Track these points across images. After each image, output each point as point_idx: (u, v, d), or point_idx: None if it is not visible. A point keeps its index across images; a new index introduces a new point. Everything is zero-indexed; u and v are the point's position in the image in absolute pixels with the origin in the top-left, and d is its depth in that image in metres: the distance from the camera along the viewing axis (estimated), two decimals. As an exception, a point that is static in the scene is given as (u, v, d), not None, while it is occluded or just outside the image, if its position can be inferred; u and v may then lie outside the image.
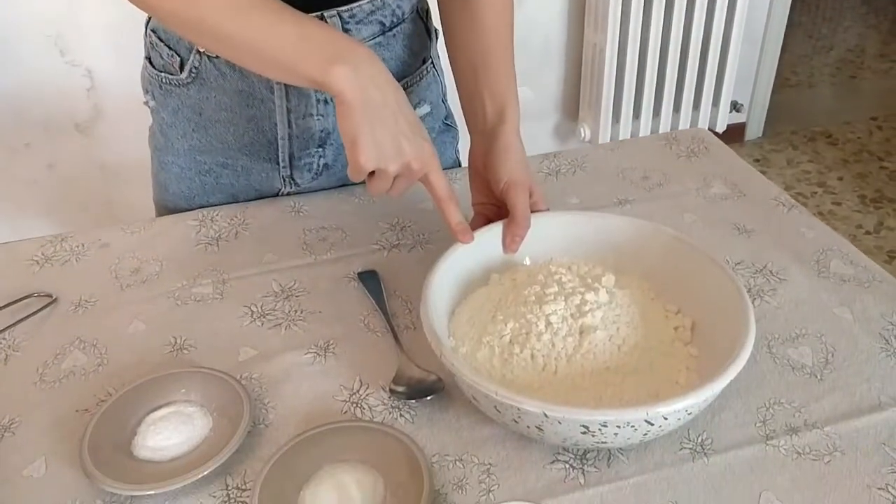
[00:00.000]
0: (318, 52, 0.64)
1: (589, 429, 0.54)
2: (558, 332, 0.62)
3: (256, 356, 0.72)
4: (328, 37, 0.65)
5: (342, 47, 0.65)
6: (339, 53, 0.63)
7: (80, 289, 0.81)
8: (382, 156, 0.64)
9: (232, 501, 0.59)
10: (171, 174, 0.94)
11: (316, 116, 0.86)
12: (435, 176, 0.69)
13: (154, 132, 0.95)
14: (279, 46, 0.65)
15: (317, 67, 0.63)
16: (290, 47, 0.65)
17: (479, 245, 0.72)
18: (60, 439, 0.64)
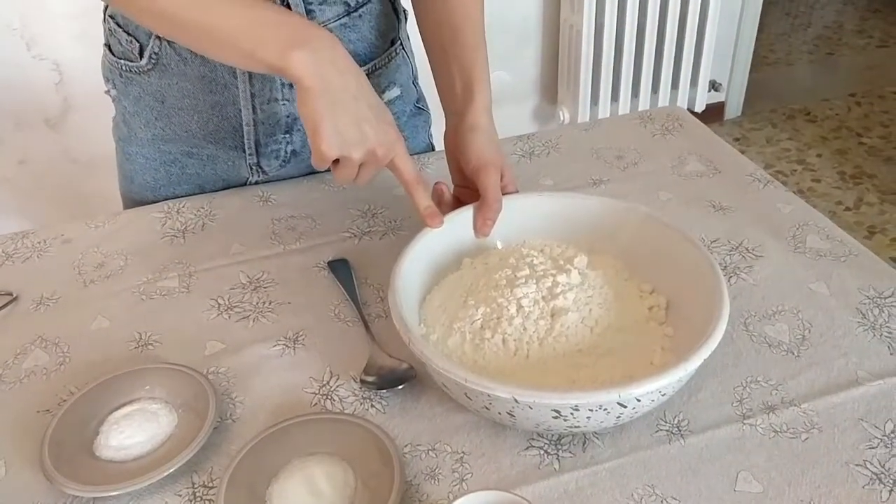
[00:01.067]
0: (276, 37, 0.62)
1: (560, 413, 0.53)
2: (530, 315, 0.60)
3: (223, 350, 0.70)
4: (287, 21, 0.64)
5: (301, 31, 0.63)
6: (298, 38, 0.62)
7: (42, 286, 0.79)
8: (345, 142, 0.63)
9: (198, 500, 0.57)
10: (136, 165, 0.92)
11: (281, 101, 0.84)
12: (401, 160, 0.68)
13: (117, 122, 0.92)
14: (236, 32, 0.63)
15: (274, 53, 0.61)
16: (248, 33, 0.63)
17: (451, 229, 0.70)
18: (20, 441, 0.62)
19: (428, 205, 0.69)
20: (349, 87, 0.63)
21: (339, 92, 0.62)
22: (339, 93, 0.62)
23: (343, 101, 0.62)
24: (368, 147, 0.64)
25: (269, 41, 0.62)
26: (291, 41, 0.61)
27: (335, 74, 0.62)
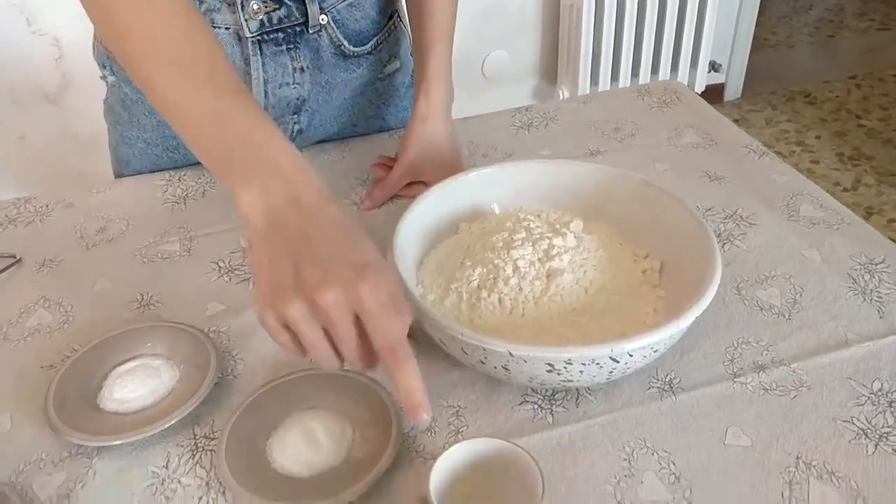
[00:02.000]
0: (228, 169, 0.54)
1: (554, 367, 0.54)
2: (526, 276, 0.61)
3: (224, 311, 0.71)
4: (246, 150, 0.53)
5: (257, 167, 0.52)
6: (249, 174, 0.52)
7: (45, 249, 0.80)
8: (278, 295, 0.47)
9: (200, 450, 0.58)
10: (135, 149, 0.91)
11: (292, 85, 0.85)
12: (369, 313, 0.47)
13: (112, 106, 0.91)
14: (200, 142, 0.56)
15: (226, 183, 0.54)
16: (208, 149, 0.56)
17: (448, 195, 0.71)
18: (25, 395, 0.63)
19: (409, 386, 0.48)
20: (306, 227, 0.50)
21: (282, 231, 0.50)
22: (283, 232, 0.50)
23: (285, 240, 0.49)
24: (305, 296, 0.47)
25: (222, 169, 0.55)
26: (241, 177, 0.52)
27: (289, 214, 0.50)
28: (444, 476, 0.49)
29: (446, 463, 0.49)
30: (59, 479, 0.56)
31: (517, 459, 0.50)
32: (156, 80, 0.57)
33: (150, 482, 0.56)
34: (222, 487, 0.55)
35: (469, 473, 0.50)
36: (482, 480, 0.51)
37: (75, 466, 0.57)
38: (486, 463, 0.50)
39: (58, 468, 0.57)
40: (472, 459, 0.50)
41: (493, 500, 0.51)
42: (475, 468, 0.50)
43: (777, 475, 0.54)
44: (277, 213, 0.50)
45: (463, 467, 0.50)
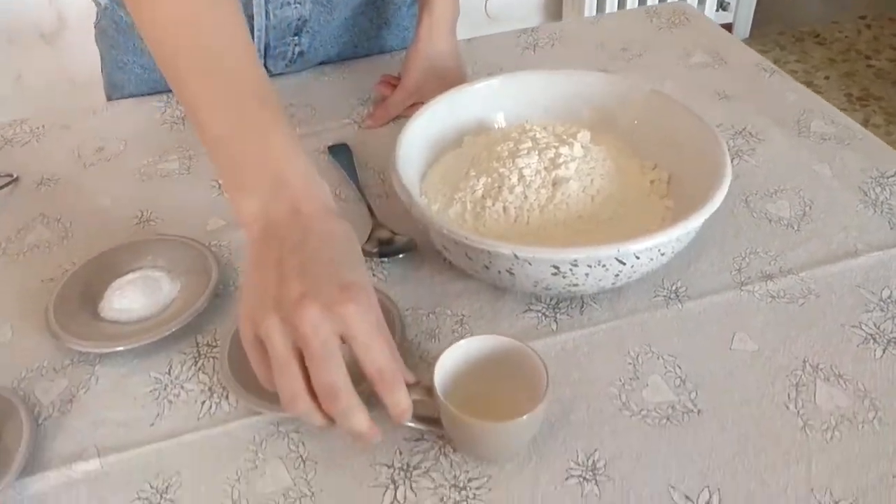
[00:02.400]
0: (232, 177, 0.51)
1: (559, 269, 0.53)
2: (531, 184, 0.60)
3: (225, 226, 0.70)
4: (260, 160, 0.50)
5: (266, 178, 0.49)
6: (257, 184, 0.49)
7: (42, 168, 0.79)
8: (258, 307, 0.45)
9: (202, 357, 0.58)
10: (131, 74, 0.89)
11: (293, 5, 0.82)
12: (353, 336, 0.44)
13: (104, 30, 0.89)
14: (210, 141, 0.52)
15: (227, 186, 0.52)
16: (216, 150, 0.52)
17: (452, 108, 0.70)
18: (26, 307, 0.63)
19: (398, 412, 0.46)
20: (299, 240, 0.46)
21: (277, 249, 0.46)
22: (278, 250, 0.46)
23: (280, 259, 0.46)
24: (284, 310, 0.43)
25: (227, 174, 0.52)
26: (246, 189, 0.50)
27: (286, 226, 0.47)
28: (448, 370, 0.49)
29: (451, 357, 0.49)
30: (61, 385, 0.56)
31: (521, 356, 0.49)
32: (178, 62, 0.53)
33: (152, 387, 0.56)
34: (225, 392, 0.55)
35: (473, 370, 0.50)
36: (486, 377, 0.50)
37: (77, 373, 0.57)
38: (490, 360, 0.50)
39: (60, 375, 0.57)
40: (477, 356, 0.50)
41: (497, 397, 0.51)
42: (480, 365, 0.50)
43: (784, 378, 0.54)
44: (275, 224, 0.47)
45: (467, 363, 0.50)
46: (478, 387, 0.50)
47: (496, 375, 0.50)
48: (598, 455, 0.50)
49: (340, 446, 0.51)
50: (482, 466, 0.49)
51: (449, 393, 0.48)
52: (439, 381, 0.47)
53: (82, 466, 0.51)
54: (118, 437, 0.52)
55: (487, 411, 0.46)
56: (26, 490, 0.49)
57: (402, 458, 0.50)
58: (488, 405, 0.50)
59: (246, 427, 0.53)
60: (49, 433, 0.53)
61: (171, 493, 0.49)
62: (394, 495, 0.48)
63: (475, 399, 0.49)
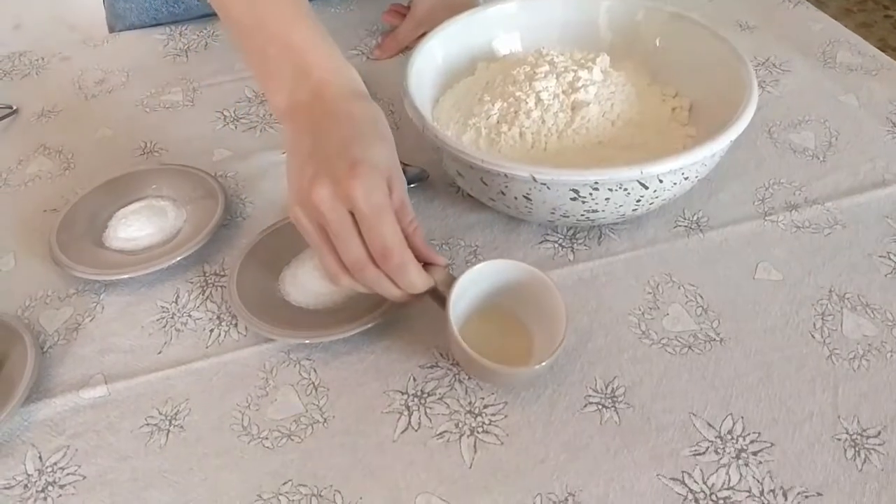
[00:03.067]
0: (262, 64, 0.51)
1: (579, 193, 0.51)
2: (549, 108, 0.58)
3: (231, 156, 0.68)
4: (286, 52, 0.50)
5: (292, 68, 0.49)
6: (283, 76, 0.50)
7: (43, 100, 0.77)
8: (291, 194, 0.46)
9: (210, 286, 0.56)
10: (133, 3, 0.86)
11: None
12: (360, 215, 0.43)
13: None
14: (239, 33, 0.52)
15: (259, 82, 0.52)
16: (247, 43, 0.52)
17: (465, 32, 0.67)
18: (28, 236, 0.61)
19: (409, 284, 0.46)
20: (319, 123, 0.47)
21: (302, 135, 0.47)
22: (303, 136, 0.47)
23: (304, 144, 0.47)
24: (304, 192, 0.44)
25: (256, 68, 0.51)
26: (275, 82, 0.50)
27: (309, 112, 0.48)
28: (463, 295, 0.47)
29: (467, 280, 0.47)
30: (66, 314, 0.55)
31: (540, 287, 0.48)
32: None
33: (159, 316, 0.54)
34: (234, 320, 0.54)
35: (489, 296, 0.48)
36: (502, 303, 0.49)
37: (82, 301, 0.56)
38: (506, 286, 0.48)
39: (64, 303, 0.56)
40: (493, 281, 0.48)
41: (512, 324, 0.49)
42: (496, 291, 0.49)
43: (809, 307, 0.52)
44: (301, 112, 0.48)
45: (482, 290, 0.48)
46: (493, 312, 0.48)
47: (512, 301, 0.49)
48: (618, 383, 0.48)
49: (353, 373, 0.50)
50: (498, 392, 0.48)
51: (462, 320, 0.46)
52: (454, 305, 0.46)
53: (89, 393, 0.50)
54: (125, 365, 0.51)
55: (502, 342, 0.45)
56: (32, 416, 0.48)
57: (416, 384, 0.49)
58: (503, 334, 0.49)
59: (256, 354, 0.51)
60: (54, 360, 0.52)
61: (180, 419, 0.48)
62: (408, 421, 0.47)
63: (489, 326, 0.48)
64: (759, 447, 0.45)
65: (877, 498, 0.42)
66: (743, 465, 0.44)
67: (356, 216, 0.43)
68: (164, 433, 0.47)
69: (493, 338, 0.48)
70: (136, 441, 0.47)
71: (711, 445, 0.45)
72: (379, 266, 0.45)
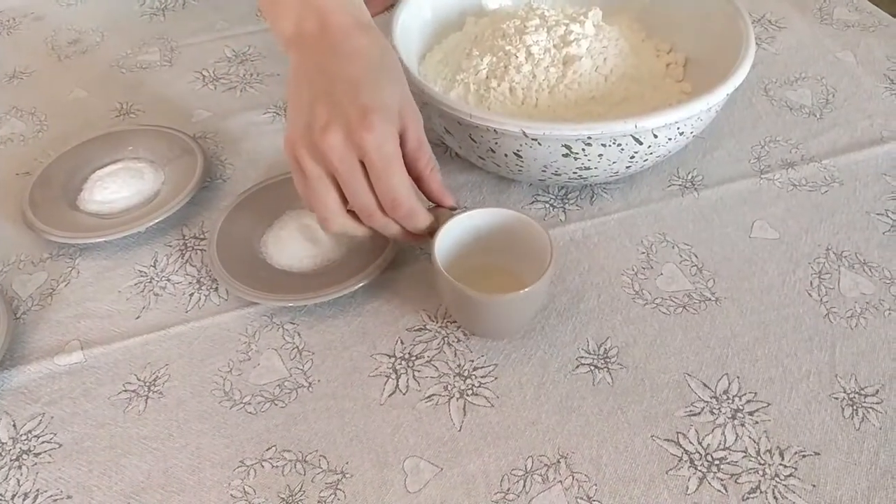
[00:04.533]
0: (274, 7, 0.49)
1: (571, 149, 0.49)
2: (540, 63, 0.56)
3: (211, 117, 0.66)
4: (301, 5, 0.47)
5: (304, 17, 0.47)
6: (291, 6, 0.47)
7: (14, 60, 0.74)
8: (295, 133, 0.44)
9: (189, 249, 0.55)
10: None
11: None
12: (369, 163, 0.42)
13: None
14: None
15: (266, 15, 0.50)
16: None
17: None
18: (1, 200, 0.59)
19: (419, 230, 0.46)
20: (327, 60, 0.45)
21: (309, 70, 0.45)
22: (309, 72, 0.45)
23: (312, 81, 0.44)
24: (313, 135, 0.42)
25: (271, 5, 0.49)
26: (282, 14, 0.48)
27: (315, 44, 0.46)
28: (450, 244, 0.46)
29: (454, 229, 0.46)
30: (40, 279, 0.53)
31: (525, 229, 0.46)
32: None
33: (136, 280, 0.53)
34: (214, 283, 0.52)
35: (476, 245, 0.47)
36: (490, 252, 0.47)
37: (57, 266, 0.54)
38: (494, 235, 0.47)
39: (38, 268, 0.54)
40: (478, 230, 0.47)
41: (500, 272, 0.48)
42: (483, 240, 0.47)
43: (806, 265, 0.51)
44: (305, 45, 0.46)
45: (470, 238, 0.47)
46: (480, 260, 0.47)
47: (499, 250, 0.47)
48: (611, 343, 0.47)
49: (339, 337, 0.48)
50: (488, 354, 0.47)
51: (450, 267, 0.44)
52: (441, 254, 0.44)
53: (65, 359, 0.48)
54: (102, 330, 0.49)
55: (490, 286, 0.43)
56: (6, 383, 0.47)
57: (404, 347, 0.47)
58: (491, 280, 0.47)
59: (237, 318, 0.50)
60: (28, 327, 0.50)
61: (159, 385, 0.46)
62: (395, 385, 0.46)
63: (477, 273, 0.46)
64: (756, 407, 0.44)
65: (874, 456, 0.41)
66: (739, 425, 0.43)
67: (366, 165, 0.43)
68: (142, 399, 0.46)
69: (480, 281, 0.46)
70: (114, 408, 0.45)
71: (707, 406, 0.44)
72: (387, 214, 0.44)
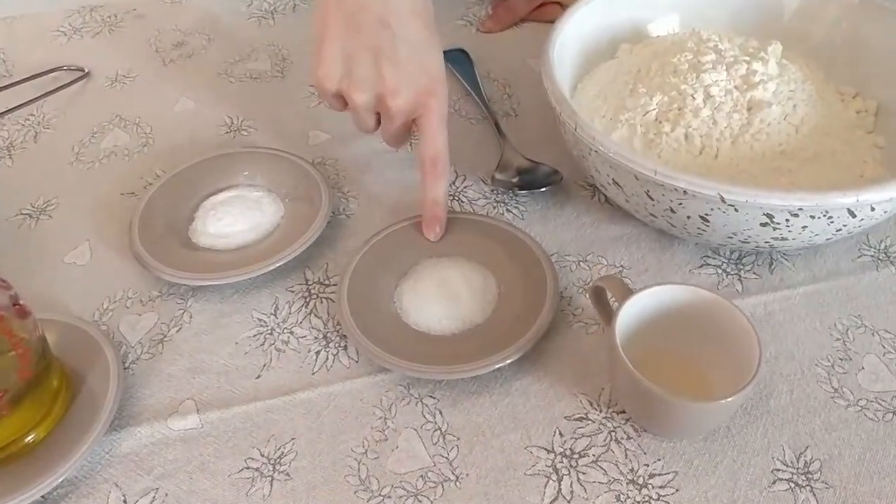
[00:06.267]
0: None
1: (773, 219, 0.42)
2: (721, 107, 0.48)
3: (329, 140, 0.60)
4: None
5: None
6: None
7: (116, 63, 0.69)
8: (348, 76, 0.46)
9: (313, 298, 0.49)
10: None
11: None
12: (428, 127, 0.48)
13: None
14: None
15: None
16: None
17: (605, 8, 0.57)
18: (105, 224, 0.54)
19: (435, 198, 0.49)
20: (379, 11, 0.45)
21: (361, 12, 0.45)
22: (362, 13, 0.45)
23: (365, 24, 0.45)
24: (377, 92, 0.46)
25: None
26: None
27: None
28: (628, 323, 0.39)
29: (633, 309, 0.39)
30: (149, 321, 0.48)
31: (720, 313, 0.39)
32: None
33: (255, 331, 0.47)
34: (343, 341, 0.46)
35: (654, 326, 0.40)
36: (667, 333, 0.41)
37: (168, 307, 0.49)
38: (677, 315, 0.40)
39: (147, 308, 0.49)
40: (662, 309, 0.40)
41: (674, 356, 0.41)
42: (663, 320, 0.40)
43: None
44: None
45: (648, 318, 0.40)
46: (655, 342, 0.40)
47: (681, 333, 0.41)
48: (811, 454, 0.40)
49: (486, 420, 0.42)
50: (665, 458, 0.40)
51: (625, 345, 0.38)
52: (621, 335, 0.38)
53: (179, 423, 0.42)
54: (219, 390, 0.44)
55: (667, 377, 0.37)
56: (115, 448, 0.42)
57: (564, 441, 0.41)
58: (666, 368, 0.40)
59: (370, 386, 0.44)
60: (139, 379, 0.45)
61: (285, 465, 0.41)
62: (557, 488, 0.39)
63: (651, 358, 0.39)
64: None
65: None
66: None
67: (423, 126, 0.48)
68: (267, 480, 0.40)
69: (659, 370, 0.39)
70: (235, 489, 0.40)
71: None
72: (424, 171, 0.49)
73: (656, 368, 0.38)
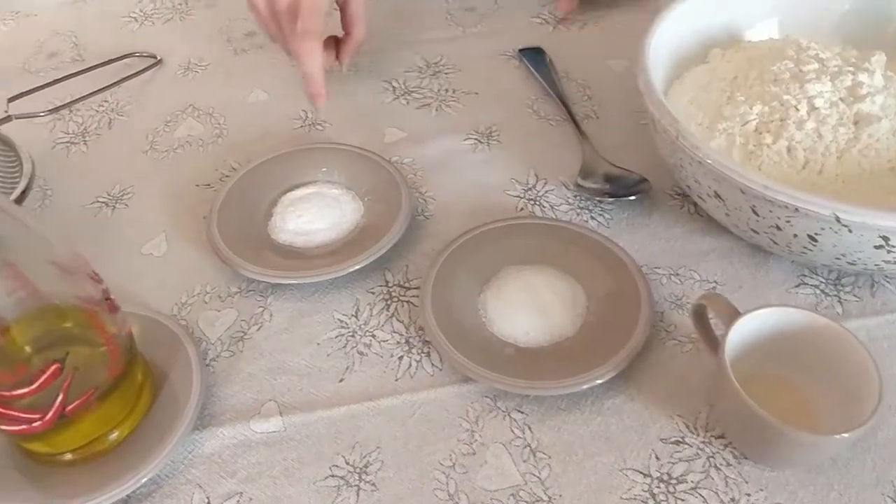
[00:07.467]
0: None
1: (889, 241, 0.40)
2: (826, 120, 0.46)
3: (405, 139, 0.59)
4: None
5: None
6: None
7: (188, 51, 0.68)
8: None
9: (394, 301, 0.47)
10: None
11: None
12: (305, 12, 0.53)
13: None
14: None
15: None
16: None
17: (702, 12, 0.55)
18: (180, 215, 0.53)
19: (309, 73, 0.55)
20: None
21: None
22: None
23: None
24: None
25: None
26: None
27: None
28: (737, 344, 0.37)
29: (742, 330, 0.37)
30: (229, 318, 0.47)
31: (836, 342, 0.37)
32: None
33: (337, 332, 0.46)
34: (426, 347, 0.45)
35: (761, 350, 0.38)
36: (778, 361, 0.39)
37: (247, 304, 0.48)
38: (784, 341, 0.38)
39: (226, 304, 0.48)
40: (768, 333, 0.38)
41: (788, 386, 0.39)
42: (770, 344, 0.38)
43: None
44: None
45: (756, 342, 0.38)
46: (758, 365, 0.39)
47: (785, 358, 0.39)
48: (923, 491, 0.38)
49: (578, 439, 0.41)
50: (768, 488, 0.38)
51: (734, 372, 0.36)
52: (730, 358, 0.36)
53: (262, 425, 0.42)
54: (301, 392, 0.43)
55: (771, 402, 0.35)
56: (198, 447, 0.41)
57: (661, 465, 0.39)
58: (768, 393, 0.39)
59: (455, 396, 0.43)
60: (220, 377, 0.44)
61: (371, 474, 0.40)
62: (655, 513, 0.38)
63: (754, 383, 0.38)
64: None
65: None
66: None
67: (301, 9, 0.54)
68: (353, 490, 0.39)
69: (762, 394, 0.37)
70: (320, 496, 0.39)
71: None
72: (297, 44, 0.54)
73: (759, 393, 0.36)
